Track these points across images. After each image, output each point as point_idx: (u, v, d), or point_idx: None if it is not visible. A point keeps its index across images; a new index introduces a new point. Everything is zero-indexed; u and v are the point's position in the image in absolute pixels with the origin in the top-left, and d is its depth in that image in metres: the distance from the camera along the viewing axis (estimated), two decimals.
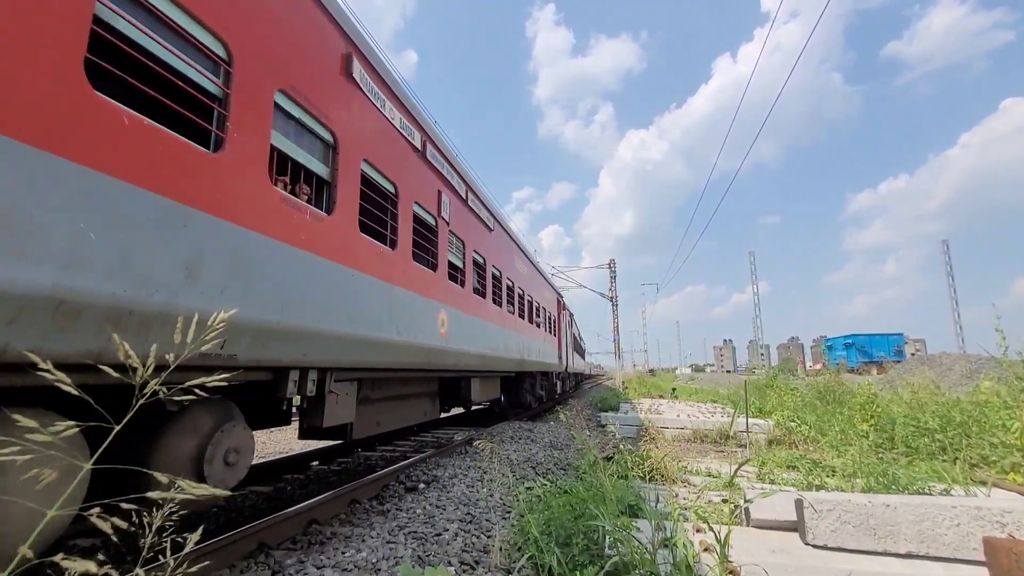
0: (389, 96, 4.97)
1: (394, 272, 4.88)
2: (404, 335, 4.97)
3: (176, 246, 2.52)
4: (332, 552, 3.37)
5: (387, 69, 5.02)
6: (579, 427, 4.57)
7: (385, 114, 4.87)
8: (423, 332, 5.48)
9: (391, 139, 5.04)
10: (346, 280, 4.02)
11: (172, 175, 2.53)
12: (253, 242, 3.03)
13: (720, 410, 12.52)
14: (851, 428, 7.72)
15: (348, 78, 4.22)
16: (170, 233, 2.49)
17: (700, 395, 20.78)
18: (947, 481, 4.74)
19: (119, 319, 2.20)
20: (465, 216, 7.49)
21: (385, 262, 4.72)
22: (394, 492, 5.01)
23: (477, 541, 3.68)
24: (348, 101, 4.22)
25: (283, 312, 3.22)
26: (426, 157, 5.90)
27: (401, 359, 4.98)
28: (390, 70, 5.10)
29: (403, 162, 5.29)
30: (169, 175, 2.51)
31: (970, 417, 6.63)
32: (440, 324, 5.96)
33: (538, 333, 13.18)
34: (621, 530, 2.70)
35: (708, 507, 4.20)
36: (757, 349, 72.62)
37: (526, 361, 11.14)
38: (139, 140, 2.37)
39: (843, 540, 3.29)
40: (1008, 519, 3.13)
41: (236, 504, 4.77)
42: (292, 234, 3.39)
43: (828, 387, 12.15)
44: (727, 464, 6.36)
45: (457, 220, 7.04)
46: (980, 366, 14.84)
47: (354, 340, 4.06)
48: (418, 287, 5.42)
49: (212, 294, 2.69)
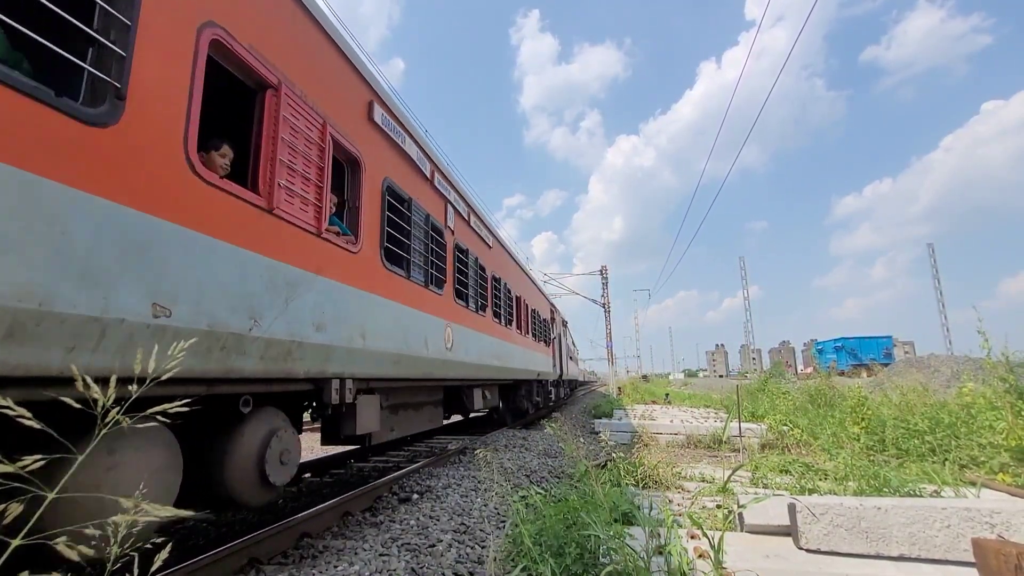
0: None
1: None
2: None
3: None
4: (324, 566, 3.32)
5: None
6: (572, 436, 4.56)
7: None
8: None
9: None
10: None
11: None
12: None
13: (713, 415, 12.57)
14: (843, 431, 7.78)
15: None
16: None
17: (693, 400, 20.86)
18: (937, 482, 4.79)
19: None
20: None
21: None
22: (387, 503, 4.96)
23: (471, 552, 3.65)
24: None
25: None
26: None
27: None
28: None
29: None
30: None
31: (958, 419, 6.71)
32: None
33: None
34: (615, 538, 2.69)
35: (702, 513, 4.20)
36: (749, 354, 73.07)
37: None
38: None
39: (836, 544, 3.30)
40: (997, 520, 3.16)
41: (227, 519, 4.69)
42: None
43: (819, 390, 12.26)
44: (721, 469, 6.38)
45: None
46: (967, 368, 15.04)
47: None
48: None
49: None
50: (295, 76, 3.42)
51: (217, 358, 2.64)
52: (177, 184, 2.45)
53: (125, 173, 2.16)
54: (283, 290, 3.23)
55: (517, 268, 12.01)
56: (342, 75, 4.21)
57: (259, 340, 2.92)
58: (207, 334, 2.55)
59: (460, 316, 7.14)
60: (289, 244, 3.33)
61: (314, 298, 3.59)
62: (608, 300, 28.98)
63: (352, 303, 4.13)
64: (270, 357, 3.04)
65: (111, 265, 2.06)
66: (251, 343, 2.88)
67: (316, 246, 3.65)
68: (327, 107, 3.82)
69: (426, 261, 5.93)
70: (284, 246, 3.27)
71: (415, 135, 5.72)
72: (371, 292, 4.50)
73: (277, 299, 3.15)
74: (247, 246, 2.91)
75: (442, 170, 6.69)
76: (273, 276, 3.14)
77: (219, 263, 2.69)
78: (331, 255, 3.86)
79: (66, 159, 1.91)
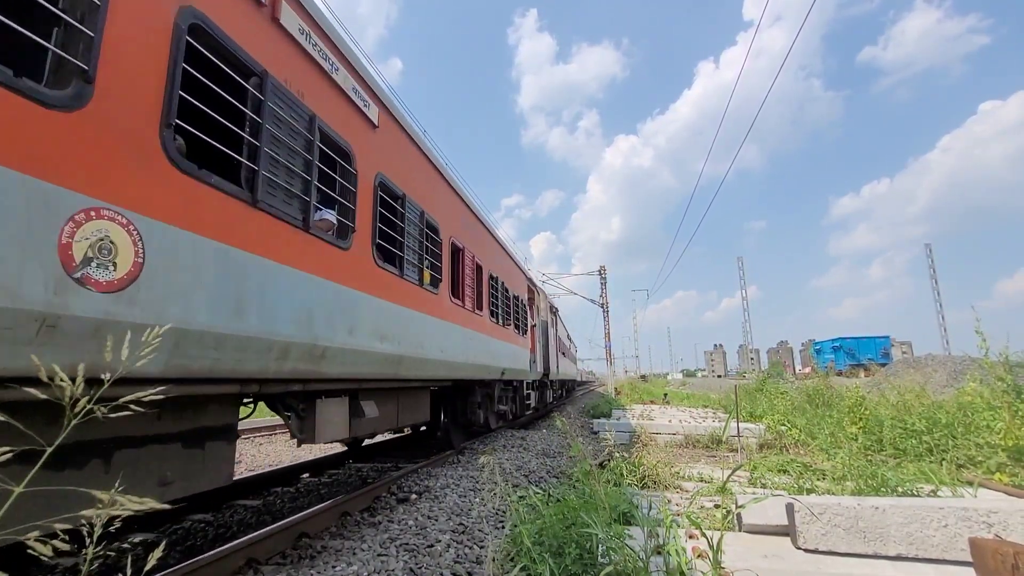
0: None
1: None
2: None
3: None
4: (322, 566, 3.32)
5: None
6: (571, 436, 4.56)
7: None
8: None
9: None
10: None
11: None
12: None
13: (712, 414, 12.59)
14: (840, 431, 7.80)
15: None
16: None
17: (692, 400, 20.89)
18: (935, 482, 4.80)
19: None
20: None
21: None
22: (385, 503, 4.95)
23: (470, 552, 3.65)
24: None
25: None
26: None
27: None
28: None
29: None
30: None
31: (955, 419, 6.73)
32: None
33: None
34: (614, 538, 2.69)
35: (701, 513, 4.21)
36: (747, 354, 73.19)
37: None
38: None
39: (834, 544, 3.31)
40: (994, 519, 3.17)
41: (225, 519, 4.69)
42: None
43: (817, 391, 12.29)
44: (719, 469, 6.39)
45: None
46: (965, 367, 15.09)
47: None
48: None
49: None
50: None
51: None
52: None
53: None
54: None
55: (459, 202, 7.35)
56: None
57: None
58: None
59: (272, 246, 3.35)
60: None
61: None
62: (607, 300, 29.01)
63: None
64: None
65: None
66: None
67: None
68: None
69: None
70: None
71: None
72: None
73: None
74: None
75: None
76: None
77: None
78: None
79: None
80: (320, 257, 3.66)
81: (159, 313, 2.28)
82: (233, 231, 2.83)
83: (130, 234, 2.17)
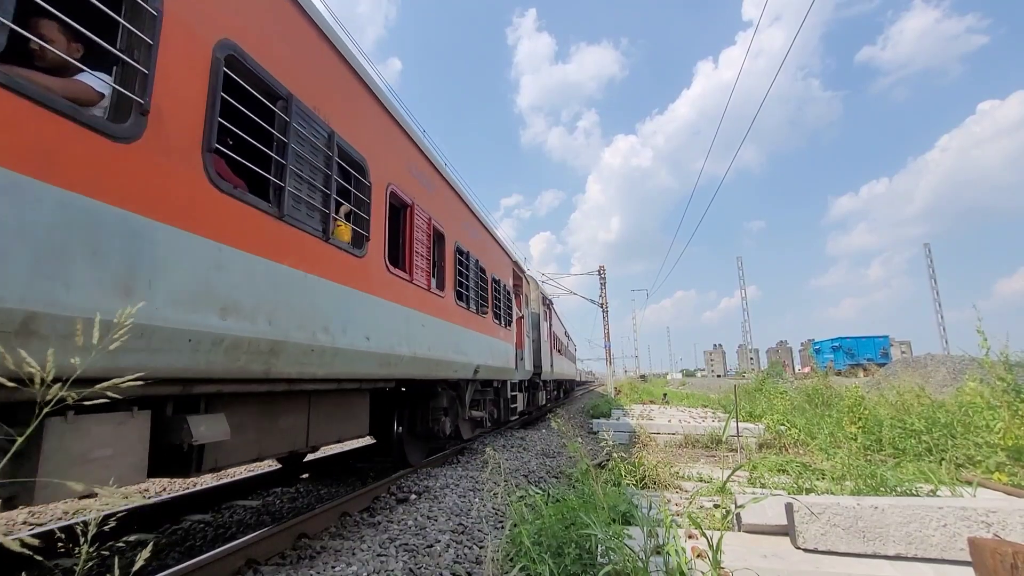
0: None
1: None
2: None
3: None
4: (322, 566, 3.31)
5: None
6: (570, 436, 4.56)
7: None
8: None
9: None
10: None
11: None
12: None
13: (711, 414, 12.59)
14: (840, 431, 7.80)
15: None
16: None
17: (691, 400, 20.90)
18: (934, 482, 4.80)
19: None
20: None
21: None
22: (385, 504, 4.95)
23: (469, 552, 3.65)
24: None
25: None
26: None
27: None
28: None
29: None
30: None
31: (954, 418, 6.74)
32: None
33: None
34: (613, 538, 2.69)
35: (700, 513, 4.21)
36: (747, 353, 73.24)
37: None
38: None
39: (833, 543, 3.31)
40: (993, 519, 3.17)
41: (224, 520, 4.68)
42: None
43: (816, 390, 12.30)
44: (719, 468, 6.39)
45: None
46: (963, 367, 15.10)
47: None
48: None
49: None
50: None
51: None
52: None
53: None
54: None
55: (404, 140, 5.41)
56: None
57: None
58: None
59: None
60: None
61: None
62: (606, 300, 29.01)
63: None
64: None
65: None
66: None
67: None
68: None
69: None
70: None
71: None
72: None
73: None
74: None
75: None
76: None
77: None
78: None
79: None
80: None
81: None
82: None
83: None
